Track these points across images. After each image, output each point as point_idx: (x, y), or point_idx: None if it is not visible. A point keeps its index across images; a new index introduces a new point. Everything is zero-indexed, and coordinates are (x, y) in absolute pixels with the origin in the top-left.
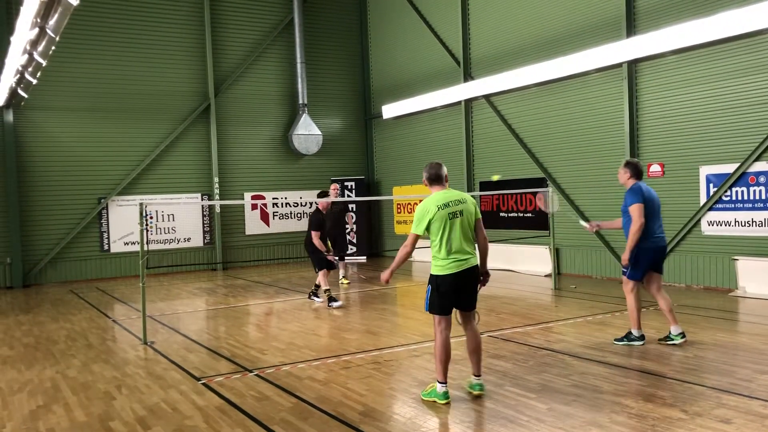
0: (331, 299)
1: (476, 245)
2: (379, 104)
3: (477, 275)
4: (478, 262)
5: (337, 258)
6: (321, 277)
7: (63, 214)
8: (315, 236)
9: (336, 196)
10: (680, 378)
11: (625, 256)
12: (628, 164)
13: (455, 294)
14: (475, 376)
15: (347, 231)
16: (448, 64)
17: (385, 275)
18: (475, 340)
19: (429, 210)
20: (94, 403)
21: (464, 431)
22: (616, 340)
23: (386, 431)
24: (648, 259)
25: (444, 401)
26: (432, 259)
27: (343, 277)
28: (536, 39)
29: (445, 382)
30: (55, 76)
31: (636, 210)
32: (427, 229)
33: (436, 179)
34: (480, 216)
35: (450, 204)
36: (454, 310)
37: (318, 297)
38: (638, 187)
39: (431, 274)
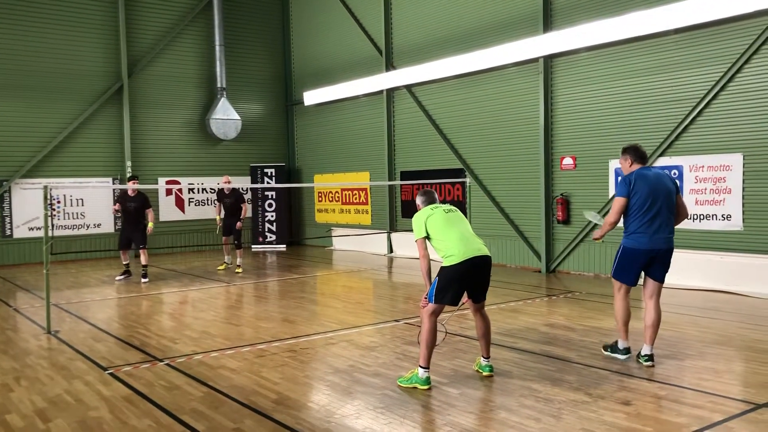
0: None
1: None
2: (301, 90)
3: (490, 264)
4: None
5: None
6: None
7: None
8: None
9: (228, 184)
10: (586, 363)
11: (595, 234)
12: (626, 150)
13: (468, 282)
14: (485, 358)
15: (240, 219)
16: (371, 52)
17: (423, 302)
18: (485, 324)
19: (423, 213)
20: None
21: (376, 417)
22: (604, 347)
23: (300, 419)
24: (633, 260)
25: (426, 386)
26: (443, 257)
27: (237, 265)
28: (457, 31)
29: (428, 368)
30: None
31: (614, 205)
32: (428, 235)
33: (431, 202)
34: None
35: (441, 206)
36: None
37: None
38: (628, 178)
39: (442, 267)
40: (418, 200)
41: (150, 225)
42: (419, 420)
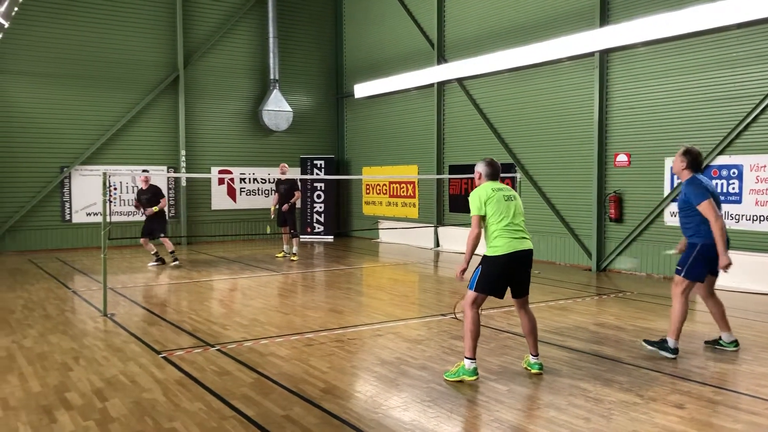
0: (158, 260)
1: None
2: (352, 83)
3: (531, 259)
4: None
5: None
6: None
7: (23, 181)
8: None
9: (284, 173)
10: (637, 364)
11: (723, 261)
12: (686, 152)
13: (511, 275)
14: (533, 355)
15: (289, 203)
16: (422, 45)
17: (458, 270)
18: (530, 321)
19: (485, 191)
20: (50, 374)
21: (424, 410)
22: (645, 341)
23: (347, 408)
24: (710, 257)
25: (473, 377)
26: (488, 243)
27: (293, 253)
28: (510, 25)
29: (474, 359)
30: (19, 39)
31: (708, 208)
32: (484, 213)
33: (494, 176)
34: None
35: (503, 189)
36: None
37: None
38: (699, 182)
39: (485, 256)
40: (481, 169)
41: (154, 208)
42: (466, 415)
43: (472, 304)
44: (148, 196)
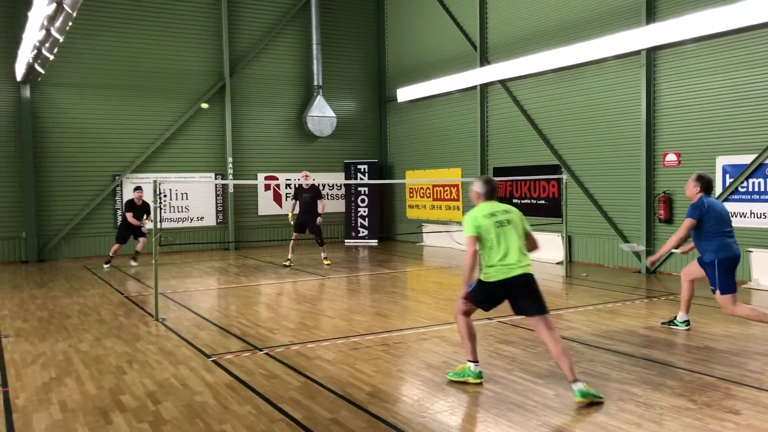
0: (107, 262)
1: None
2: (394, 87)
3: (531, 281)
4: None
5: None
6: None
7: (77, 190)
8: (128, 216)
9: (306, 179)
10: (689, 368)
11: (652, 258)
12: (699, 178)
13: (503, 299)
14: (571, 381)
15: (320, 214)
16: (465, 48)
17: (462, 293)
18: (554, 345)
19: (475, 218)
20: (105, 377)
21: (471, 415)
22: None
23: (393, 412)
24: (732, 268)
25: (479, 380)
26: (482, 268)
27: (325, 257)
28: (554, 24)
29: (477, 361)
30: (72, 52)
31: (684, 224)
32: (478, 236)
33: (491, 194)
34: (529, 229)
35: (496, 213)
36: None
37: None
38: (700, 203)
39: (479, 279)
40: (478, 188)
41: (145, 222)
42: (514, 420)
43: (460, 314)
44: (144, 210)
